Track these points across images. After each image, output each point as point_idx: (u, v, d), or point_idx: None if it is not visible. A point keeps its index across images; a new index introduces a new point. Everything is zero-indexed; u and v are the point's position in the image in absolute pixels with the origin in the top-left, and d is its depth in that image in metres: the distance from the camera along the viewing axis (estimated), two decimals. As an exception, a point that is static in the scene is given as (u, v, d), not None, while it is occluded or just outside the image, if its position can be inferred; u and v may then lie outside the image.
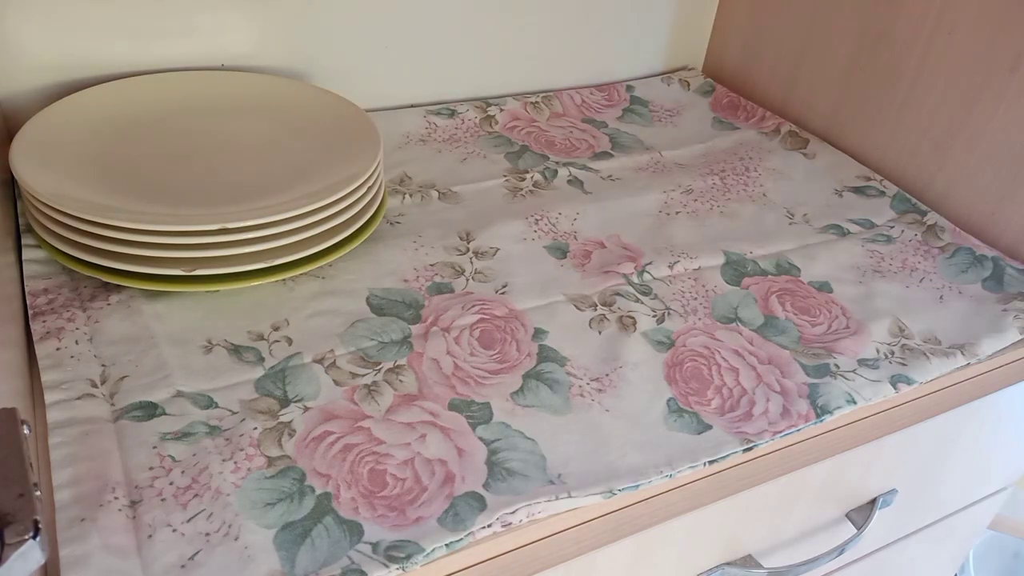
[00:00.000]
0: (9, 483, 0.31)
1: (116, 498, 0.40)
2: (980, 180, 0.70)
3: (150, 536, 0.39)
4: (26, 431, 0.33)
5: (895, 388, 0.53)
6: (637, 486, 0.45)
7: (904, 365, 0.55)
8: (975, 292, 0.64)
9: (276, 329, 0.52)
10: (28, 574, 0.29)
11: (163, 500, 0.41)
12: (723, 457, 0.47)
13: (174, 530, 0.39)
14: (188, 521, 0.40)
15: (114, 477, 0.41)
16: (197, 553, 0.38)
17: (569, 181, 0.73)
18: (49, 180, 0.52)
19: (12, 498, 0.30)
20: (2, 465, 0.31)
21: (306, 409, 0.47)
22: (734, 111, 0.89)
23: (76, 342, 0.49)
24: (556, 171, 0.74)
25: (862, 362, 0.55)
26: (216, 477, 0.42)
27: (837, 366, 0.55)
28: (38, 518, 0.30)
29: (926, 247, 0.69)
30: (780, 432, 0.49)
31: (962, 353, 0.57)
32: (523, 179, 0.72)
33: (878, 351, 0.56)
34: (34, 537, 0.29)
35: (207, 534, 0.39)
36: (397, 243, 0.61)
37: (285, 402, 0.47)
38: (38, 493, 0.31)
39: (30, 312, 0.50)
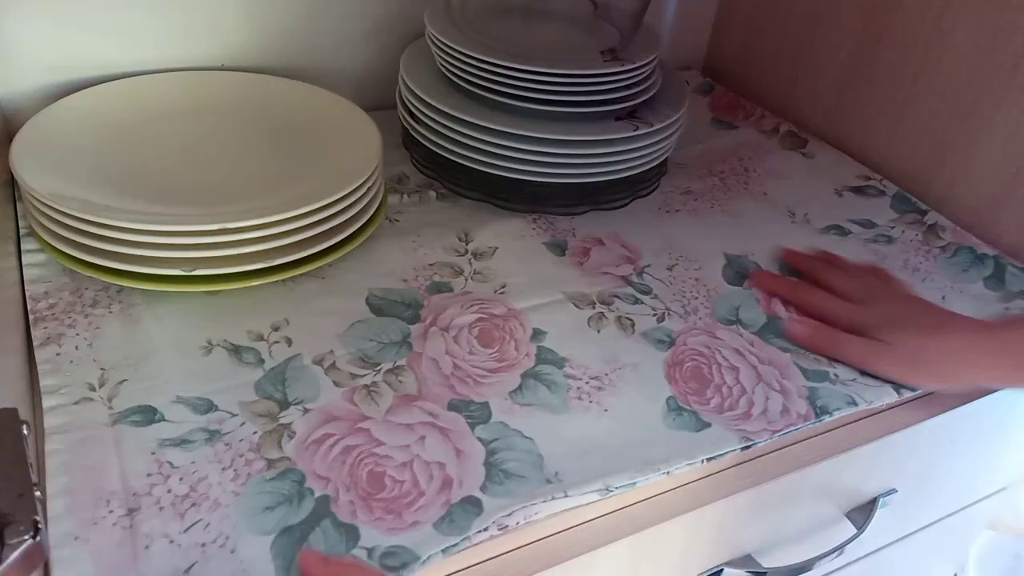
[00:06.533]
0: (9, 483, 0.31)
1: (112, 508, 0.40)
2: (980, 179, 0.70)
3: (147, 547, 0.38)
4: (26, 431, 0.33)
5: (898, 392, 0.53)
6: (634, 483, 0.45)
7: (904, 365, 0.55)
8: (977, 291, 0.64)
9: (276, 329, 0.52)
10: (28, 574, 0.29)
11: (161, 509, 0.40)
12: (721, 455, 0.47)
13: (171, 541, 0.39)
14: (185, 531, 0.39)
15: (111, 484, 0.41)
16: (192, 566, 0.38)
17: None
18: (49, 180, 0.52)
19: (12, 498, 0.30)
20: (2, 465, 0.31)
21: (306, 411, 0.47)
22: (733, 111, 0.89)
23: (76, 347, 0.49)
24: (556, 171, 0.74)
25: (864, 371, 0.55)
26: (215, 487, 0.42)
27: (836, 375, 0.54)
28: (38, 518, 0.30)
29: (927, 247, 0.69)
30: (779, 431, 0.49)
31: (962, 353, 0.57)
32: (523, 179, 0.72)
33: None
34: (34, 537, 0.29)
35: (203, 544, 0.39)
36: (396, 243, 0.61)
37: (285, 404, 0.47)
38: (38, 493, 0.31)
39: (31, 317, 0.50)
